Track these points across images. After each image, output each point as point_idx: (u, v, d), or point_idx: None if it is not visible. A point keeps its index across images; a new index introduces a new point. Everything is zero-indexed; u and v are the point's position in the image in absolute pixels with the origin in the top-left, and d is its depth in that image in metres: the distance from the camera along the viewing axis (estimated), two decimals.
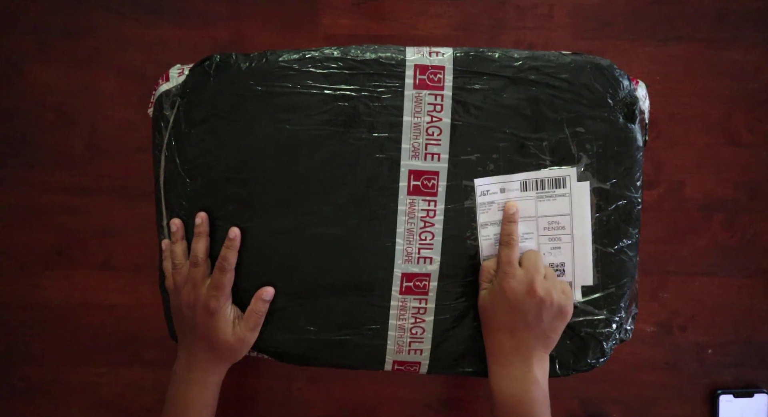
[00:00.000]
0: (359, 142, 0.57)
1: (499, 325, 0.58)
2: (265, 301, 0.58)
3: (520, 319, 0.57)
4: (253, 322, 0.59)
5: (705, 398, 0.76)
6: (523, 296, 0.56)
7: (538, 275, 0.57)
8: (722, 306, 0.75)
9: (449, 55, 0.57)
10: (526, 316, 0.57)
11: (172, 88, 0.59)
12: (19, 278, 0.74)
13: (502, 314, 0.57)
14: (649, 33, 0.71)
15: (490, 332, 0.59)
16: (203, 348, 0.59)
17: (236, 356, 0.60)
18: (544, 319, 0.57)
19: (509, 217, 0.58)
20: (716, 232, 0.74)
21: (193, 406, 0.59)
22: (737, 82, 0.72)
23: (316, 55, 0.57)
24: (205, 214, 0.58)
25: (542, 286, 0.56)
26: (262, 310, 0.59)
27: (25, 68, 0.71)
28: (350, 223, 0.58)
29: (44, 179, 0.73)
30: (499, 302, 0.57)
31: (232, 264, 0.58)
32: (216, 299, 0.58)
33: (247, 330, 0.59)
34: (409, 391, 0.76)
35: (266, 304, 0.59)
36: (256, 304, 0.59)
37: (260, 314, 0.59)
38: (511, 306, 0.57)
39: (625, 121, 0.58)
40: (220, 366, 0.60)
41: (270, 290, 0.59)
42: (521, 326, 0.57)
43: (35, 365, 0.75)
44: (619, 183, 0.58)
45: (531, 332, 0.57)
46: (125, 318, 0.74)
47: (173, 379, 0.60)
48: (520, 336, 0.57)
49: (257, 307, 0.59)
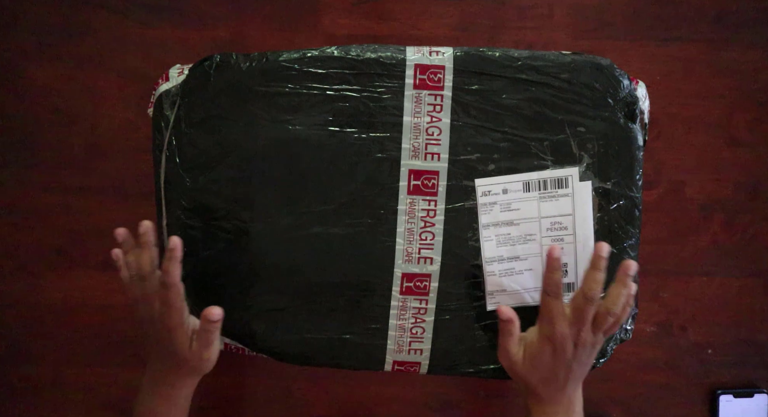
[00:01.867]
0: (359, 141, 0.57)
1: (546, 377, 0.55)
2: (209, 321, 0.53)
3: (567, 369, 0.55)
4: (204, 340, 0.54)
5: (705, 398, 0.76)
6: (572, 351, 0.53)
7: (586, 325, 0.53)
8: (722, 306, 0.75)
9: (449, 54, 0.57)
10: (571, 365, 0.54)
11: (172, 88, 0.59)
12: (19, 278, 0.74)
13: (548, 370, 0.55)
14: (649, 33, 0.71)
15: (535, 383, 0.56)
16: (167, 364, 0.56)
17: (202, 370, 0.56)
18: (587, 362, 0.55)
19: (554, 264, 0.52)
20: (716, 232, 0.74)
21: None
22: (737, 82, 0.72)
23: (316, 54, 0.57)
24: (149, 223, 0.54)
25: (589, 337, 0.53)
26: (211, 331, 0.53)
27: (25, 68, 0.71)
28: (350, 223, 0.58)
29: (44, 179, 0.72)
30: (545, 358, 0.54)
31: (174, 277, 0.51)
32: (169, 318, 0.53)
33: (202, 348, 0.54)
34: (409, 391, 0.76)
35: (213, 324, 0.53)
36: (204, 325, 0.53)
37: (210, 332, 0.54)
38: (560, 359, 0.54)
39: (625, 121, 0.58)
40: (187, 380, 0.57)
41: (216, 311, 0.52)
42: (568, 375, 0.55)
43: (35, 365, 0.75)
44: (620, 182, 0.58)
45: (576, 374, 0.56)
46: (125, 318, 0.74)
47: (140, 392, 0.58)
48: (567, 383, 0.55)
49: (205, 327, 0.53)
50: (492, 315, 0.60)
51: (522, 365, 0.55)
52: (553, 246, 0.53)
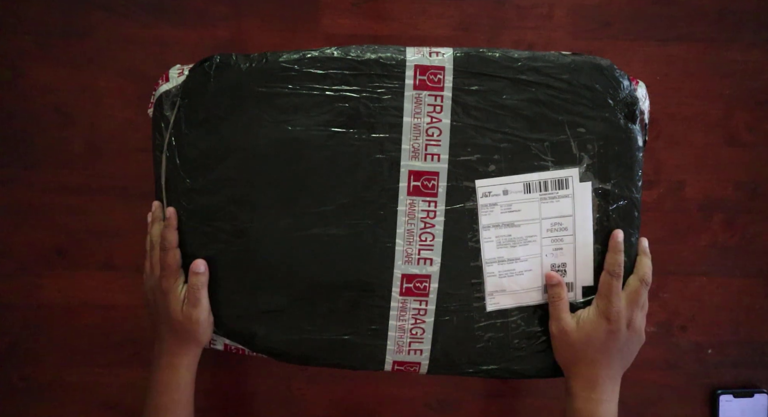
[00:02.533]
0: (359, 142, 0.57)
1: (596, 356, 0.58)
2: (195, 273, 0.58)
3: (618, 352, 0.58)
4: (192, 298, 0.58)
5: (705, 398, 0.76)
6: (625, 331, 0.57)
7: (639, 311, 0.58)
8: (722, 306, 0.75)
9: (449, 55, 0.57)
10: (623, 349, 0.58)
11: (172, 88, 0.59)
12: (19, 278, 0.74)
13: (601, 345, 0.57)
14: (649, 33, 0.71)
15: (585, 362, 0.58)
16: (166, 330, 0.60)
17: (196, 336, 0.59)
18: (634, 350, 0.59)
19: (616, 245, 0.58)
20: (716, 232, 0.74)
21: (166, 391, 0.60)
22: (737, 82, 0.72)
23: (316, 55, 0.57)
24: (173, 210, 0.59)
25: (641, 321, 0.58)
26: (196, 284, 0.58)
27: (25, 68, 0.71)
28: (350, 224, 0.58)
29: (44, 179, 0.73)
30: (599, 334, 0.57)
31: (171, 242, 0.58)
32: (166, 279, 0.58)
33: (190, 307, 0.58)
34: (409, 391, 0.76)
35: (198, 276, 0.58)
36: (190, 279, 0.58)
37: (196, 288, 0.58)
38: (614, 338, 0.57)
39: (625, 121, 0.58)
40: (185, 348, 0.60)
41: (199, 262, 0.58)
42: (617, 357, 0.58)
43: (35, 365, 0.75)
44: (620, 183, 0.58)
45: (624, 362, 0.59)
46: (125, 318, 0.74)
47: (150, 366, 0.61)
48: (614, 366, 0.58)
49: (191, 282, 0.58)
50: (492, 315, 0.60)
51: (576, 334, 0.58)
52: (617, 230, 0.58)
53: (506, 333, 0.61)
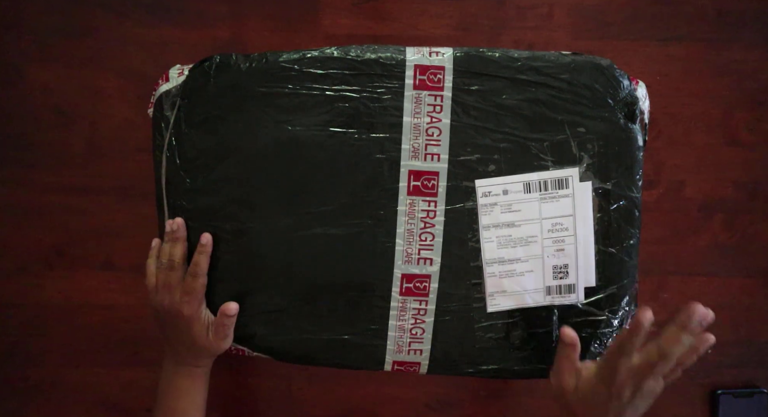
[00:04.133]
0: (359, 142, 0.57)
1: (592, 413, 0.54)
2: (228, 316, 0.58)
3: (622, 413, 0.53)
4: (221, 334, 0.59)
5: (705, 398, 0.76)
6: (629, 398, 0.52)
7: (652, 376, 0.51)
8: (722, 306, 0.75)
9: (449, 55, 0.57)
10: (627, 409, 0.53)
11: (172, 88, 0.59)
12: (19, 278, 0.74)
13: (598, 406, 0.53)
14: (649, 33, 0.71)
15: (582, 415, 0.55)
16: (184, 348, 0.60)
17: (218, 353, 0.61)
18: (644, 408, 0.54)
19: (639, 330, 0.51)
20: (716, 232, 0.74)
21: (186, 395, 0.61)
22: (737, 82, 0.72)
23: (316, 55, 0.57)
24: (181, 220, 0.58)
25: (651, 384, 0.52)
26: (227, 324, 0.59)
27: (25, 68, 0.71)
28: (350, 224, 0.58)
29: (44, 179, 0.72)
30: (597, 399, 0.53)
31: (204, 269, 0.58)
32: (189, 305, 0.58)
33: (218, 340, 0.59)
34: (409, 391, 0.76)
35: (231, 318, 0.59)
36: (221, 319, 0.59)
37: (227, 327, 0.59)
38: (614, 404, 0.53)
39: (625, 121, 0.58)
40: (204, 360, 0.62)
41: (233, 306, 0.58)
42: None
43: (35, 365, 0.75)
44: (620, 183, 0.58)
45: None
46: (125, 318, 0.74)
47: (163, 372, 0.62)
48: None
49: (222, 321, 0.59)
50: (492, 316, 0.60)
51: (572, 395, 0.55)
52: (645, 308, 0.51)
53: (506, 333, 0.61)
